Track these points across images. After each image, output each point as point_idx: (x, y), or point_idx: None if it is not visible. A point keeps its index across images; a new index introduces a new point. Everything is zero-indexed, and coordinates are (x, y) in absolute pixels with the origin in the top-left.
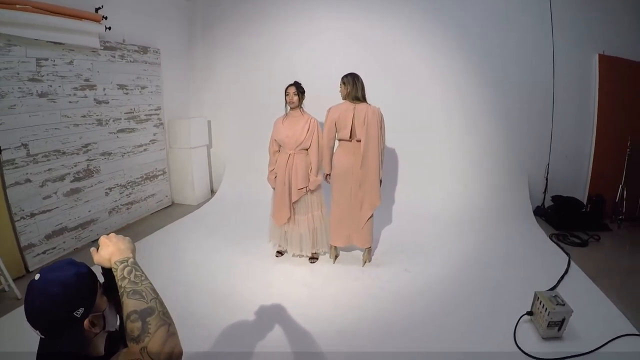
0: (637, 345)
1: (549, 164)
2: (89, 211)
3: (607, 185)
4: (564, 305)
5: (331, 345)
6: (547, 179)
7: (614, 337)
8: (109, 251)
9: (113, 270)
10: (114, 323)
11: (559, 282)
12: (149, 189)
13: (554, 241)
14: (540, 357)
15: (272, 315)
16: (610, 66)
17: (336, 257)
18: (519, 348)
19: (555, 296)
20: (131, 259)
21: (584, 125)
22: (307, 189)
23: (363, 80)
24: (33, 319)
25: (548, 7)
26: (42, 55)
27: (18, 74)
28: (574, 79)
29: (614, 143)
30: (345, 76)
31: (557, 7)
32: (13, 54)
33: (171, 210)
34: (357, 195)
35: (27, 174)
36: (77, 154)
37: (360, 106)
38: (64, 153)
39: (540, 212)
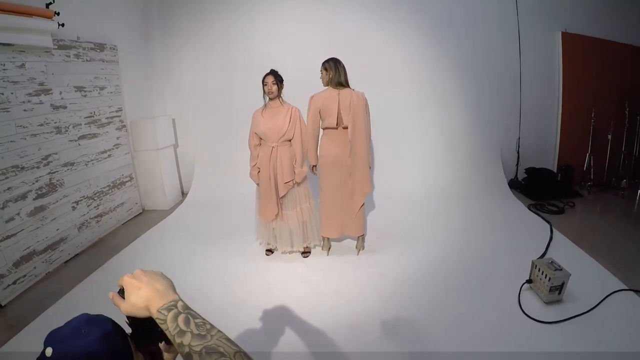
0: (628, 299)
1: (519, 138)
2: (57, 229)
3: (574, 155)
4: (561, 270)
5: (347, 340)
6: (518, 153)
7: (608, 293)
8: (143, 296)
9: (158, 322)
10: None
11: (546, 249)
12: (118, 197)
13: (532, 211)
14: (549, 321)
15: (277, 317)
16: (572, 43)
17: (329, 248)
18: (527, 315)
19: (552, 262)
20: (180, 302)
21: (550, 100)
22: (294, 182)
23: (345, 65)
24: None
25: None
26: None
27: None
28: (539, 56)
29: (579, 115)
30: (327, 61)
31: None
32: None
33: (143, 218)
34: (347, 184)
35: None
36: (38, 167)
37: (345, 92)
38: (23, 168)
39: (514, 185)
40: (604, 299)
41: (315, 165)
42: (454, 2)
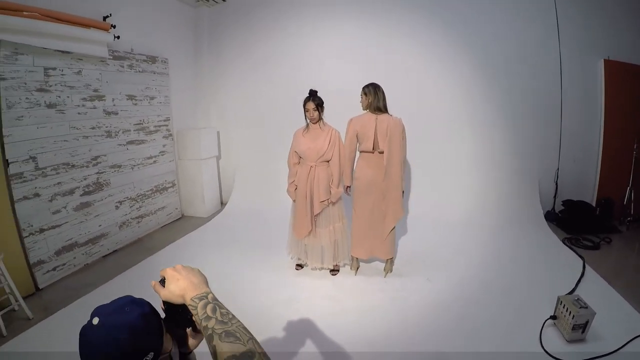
0: None
1: (558, 169)
2: (100, 225)
3: (615, 188)
4: (586, 308)
5: (363, 356)
6: (557, 184)
7: (635, 336)
8: (181, 286)
9: (190, 308)
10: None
11: (576, 285)
12: (159, 201)
13: (567, 245)
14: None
15: (300, 329)
16: (615, 71)
17: (357, 268)
18: (546, 351)
19: (578, 299)
20: (210, 294)
21: (591, 129)
22: (329, 201)
23: (384, 91)
24: None
25: (554, 14)
26: (50, 65)
27: (25, 83)
28: (581, 84)
29: (620, 146)
30: (367, 86)
31: (562, 14)
32: (20, 63)
33: (181, 223)
34: (380, 207)
35: (35, 188)
36: (87, 166)
37: (382, 117)
38: (73, 166)
39: (551, 217)
40: (629, 341)
41: (349, 187)
42: (495, 28)
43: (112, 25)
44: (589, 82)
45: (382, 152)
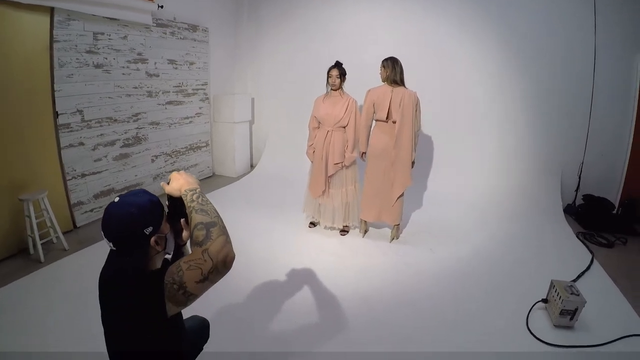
0: None
1: (582, 163)
2: (136, 175)
3: None
4: (578, 295)
5: (353, 309)
6: (579, 177)
7: (625, 335)
8: (180, 183)
9: (183, 196)
10: (172, 247)
11: (579, 276)
12: (192, 159)
13: (579, 239)
14: (549, 343)
15: (302, 278)
16: None
17: (366, 231)
18: (530, 331)
19: (571, 286)
20: (199, 189)
21: (622, 125)
22: (343, 165)
23: (402, 65)
24: (110, 232)
25: (591, 6)
26: (99, 30)
27: (76, 46)
28: (615, 78)
29: None
30: (386, 60)
31: (600, 6)
32: (72, 28)
33: (212, 181)
34: (389, 174)
35: (80, 137)
36: (128, 122)
37: (398, 89)
38: (115, 120)
39: (570, 210)
40: (619, 339)
41: (364, 153)
42: (529, 18)
43: None
44: (624, 76)
45: (395, 122)
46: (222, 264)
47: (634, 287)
